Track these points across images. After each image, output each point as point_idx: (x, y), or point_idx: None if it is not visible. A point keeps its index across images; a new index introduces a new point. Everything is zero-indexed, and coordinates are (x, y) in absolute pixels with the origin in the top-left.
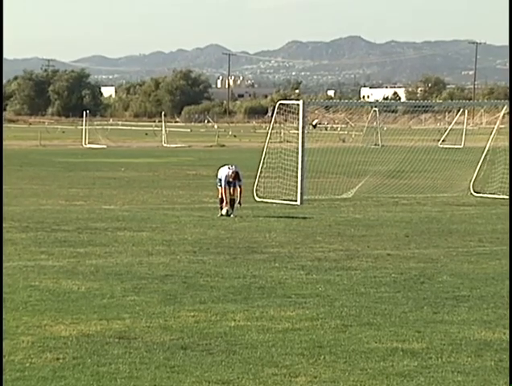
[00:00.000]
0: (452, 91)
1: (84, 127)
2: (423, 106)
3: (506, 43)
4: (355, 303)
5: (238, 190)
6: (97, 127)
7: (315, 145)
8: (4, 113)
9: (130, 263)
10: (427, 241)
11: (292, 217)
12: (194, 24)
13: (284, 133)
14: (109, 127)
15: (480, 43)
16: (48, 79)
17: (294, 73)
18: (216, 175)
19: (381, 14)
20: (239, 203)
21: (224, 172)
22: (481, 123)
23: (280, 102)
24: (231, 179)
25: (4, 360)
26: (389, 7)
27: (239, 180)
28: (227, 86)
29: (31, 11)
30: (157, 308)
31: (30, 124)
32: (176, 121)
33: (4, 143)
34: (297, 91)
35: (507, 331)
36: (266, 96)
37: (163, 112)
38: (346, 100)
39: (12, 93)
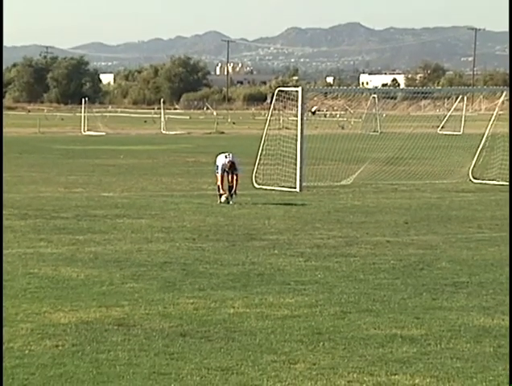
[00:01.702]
0: (451, 77)
1: (82, 114)
2: (423, 92)
3: (506, 29)
4: (354, 290)
5: (235, 178)
6: (96, 114)
7: (314, 131)
8: (3, 101)
9: (129, 250)
10: (426, 228)
11: (291, 204)
12: (193, 11)
13: (283, 120)
14: (108, 114)
15: (479, 29)
16: (47, 66)
17: (293, 60)
18: (215, 162)
19: (381, 0)
20: (234, 192)
21: (221, 160)
22: (480, 109)
23: (279, 89)
24: (227, 169)
25: (3, 347)
26: None
27: (235, 169)
28: (226, 73)
29: None
30: (156, 295)
31: (29, 111)
32: (175, 108)
33: (3, 130)
34: (295, 77)
35: (506, 317)
36: (264, 83)
37: (161, 100)
38: (345, 87)
39: (11, 80)
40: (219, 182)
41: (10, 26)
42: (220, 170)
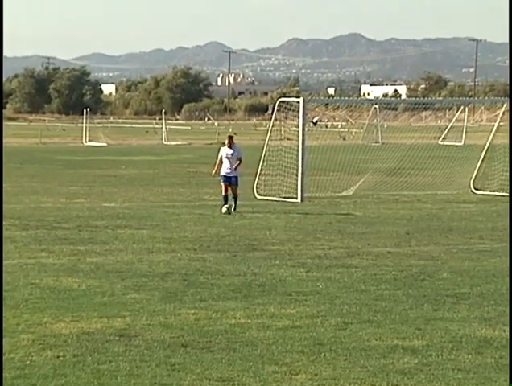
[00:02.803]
0: (452, 88)
1: (84, 125)
2: (424, 103)
3: (507, 40)
4: (355, 301)
5: (236, 185)
6: (98, 125)
7: (315, 142)
8: (4, 111)
9: (131, 261)
10: (428, 239)
11: (292, 214)
12: (194, 22)
13: (284, 131)
14: (110, 125)
15: (480, 41)
16: (49, 76)
17: (294, 71)
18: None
19: (382, 11)
20: (238, 164)
21: (221, 149)
22: (482, 120)
23: (280, 100)
24: (228, 144)
25: (4, 358)
26: (389, 4)
27: (233, 142)
28: (227, 84)
29: (31, 9)
30: (157, 306)
31: (31, 121)
32: (177, 119)
33: (4, 141)
34: (296, 88)
35: (507, 328)
36: (266, 94)
37: (163, 110)
38: (346, 98)
39: (12, 91)
40: (224, 192)
41: (12, 36)
42: (220, 158)
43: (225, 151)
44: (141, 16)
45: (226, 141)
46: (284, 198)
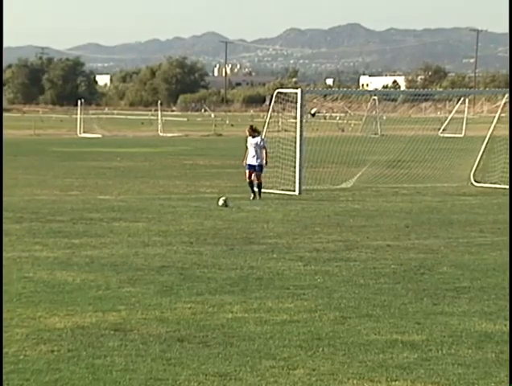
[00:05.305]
0: (452, 79)
1: (78, 116)
2: (424, 95)
3: (508, 30)
4: (354, 295)
5: (256, 175)
6: (92, 116)
7: (313, 134)
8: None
9: (126, 254)
10: (428, 232)
11: (290, 207)
12: (191, 11)
13: (282, 122)
14: (105, 116)
15: (481, 31)
16: (43, 67)
17: (292, 61)
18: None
19: (381, 1)
20: (266, 162)
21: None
22: (482, 112)
23: (278, 91)
24: (249, 134)
25: None
26: None
27: (258, 133)
28: (224, 74)
29: None
30: (153, 300)
31: (25, 112)
32: (172, 110)
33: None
34: (294, 79)
35: (508, 323)
36: (263, 85)
37: (159, 101)
38: (345, 89)
39: (5, 82)
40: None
41: (6, 26)
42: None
43: (250, 141)
44: (137, 6)
45: (248, 129)
46: (282, 190)
